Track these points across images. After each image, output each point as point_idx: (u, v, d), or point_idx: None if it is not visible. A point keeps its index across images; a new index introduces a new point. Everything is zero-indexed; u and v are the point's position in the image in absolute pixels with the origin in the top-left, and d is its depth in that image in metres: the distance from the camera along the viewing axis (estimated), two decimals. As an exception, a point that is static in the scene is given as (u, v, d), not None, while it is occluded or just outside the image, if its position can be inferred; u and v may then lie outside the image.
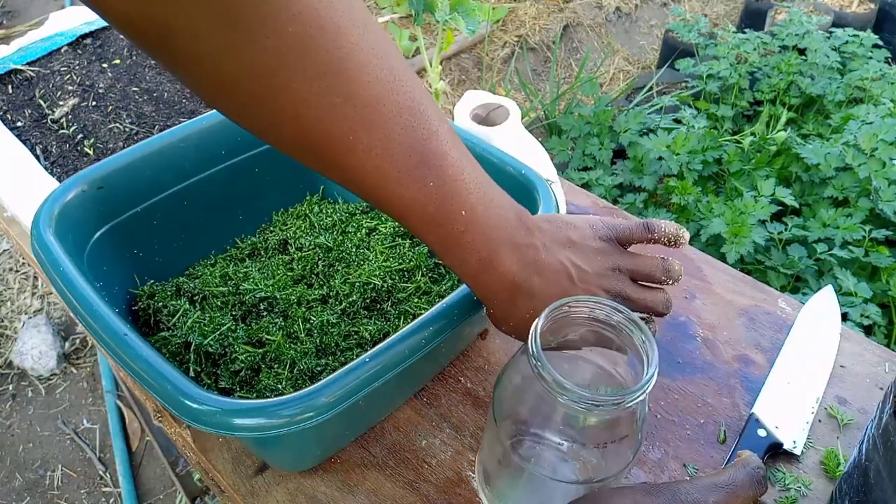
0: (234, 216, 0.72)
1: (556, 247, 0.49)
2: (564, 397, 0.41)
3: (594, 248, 0.51)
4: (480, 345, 0.68)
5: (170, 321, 0.60)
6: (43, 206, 0.57)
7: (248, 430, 0.44)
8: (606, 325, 0.46)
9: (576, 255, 0.50)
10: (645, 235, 0.53)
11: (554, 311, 0.44)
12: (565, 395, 0.41)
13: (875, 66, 1.60)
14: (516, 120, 0.71)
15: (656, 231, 0.53)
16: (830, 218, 1.22)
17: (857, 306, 1.08)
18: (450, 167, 0.43)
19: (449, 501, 0.55)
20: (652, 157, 1.41)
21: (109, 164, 0.62)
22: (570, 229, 0.51)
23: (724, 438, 0.60)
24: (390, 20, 2.61)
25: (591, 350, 0.49)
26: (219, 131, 0.68)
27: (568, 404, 0.41)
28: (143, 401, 0.70)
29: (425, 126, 0.42)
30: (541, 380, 0.42)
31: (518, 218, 0.48)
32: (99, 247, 0.60)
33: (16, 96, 0.93)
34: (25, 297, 1.76)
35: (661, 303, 0.53)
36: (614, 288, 0.51)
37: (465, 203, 0.44)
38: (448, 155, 0.43)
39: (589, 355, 0.49)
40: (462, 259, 0.46)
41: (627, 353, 0.46)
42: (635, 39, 2.76)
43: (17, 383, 1.61)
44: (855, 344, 0.68)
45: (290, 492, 0.56)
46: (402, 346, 0.48)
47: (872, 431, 0.46)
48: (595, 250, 0.51)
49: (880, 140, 1.26)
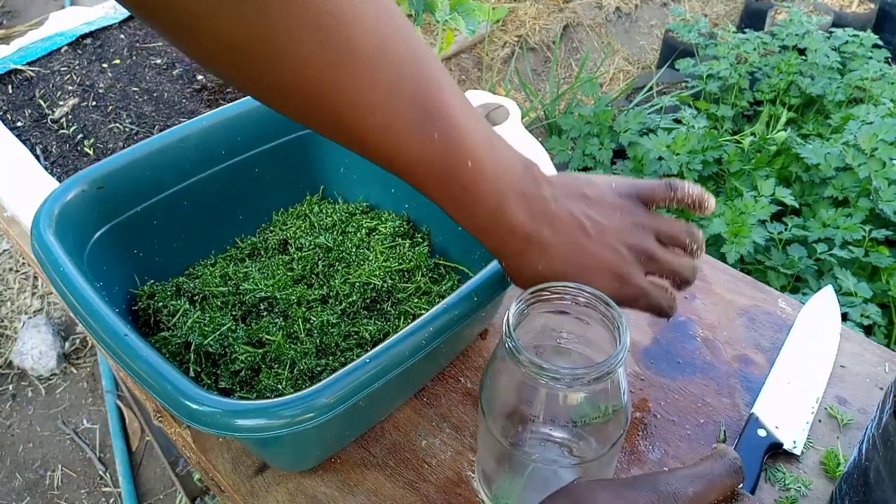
0: (235, 216, 0.72)
1: (569, 200, 0.48)
2: (544, 377, 0.41)
3: (613, 203, 0.49)
4: (480, 345, 0.68)
5: (170, 321, 0.60)
6: (43, 206, 0.57)
7: (247, 430, 0.44)
8: (577, 306, 0.46)
9: (591, 209, 0.48)
10: (668, 194, 0.51)
11: (530, 295, 0.45)
12: (544, 375, 0.41)
13: (875, 66, 1.60)
14: (516, 120, 0.71)
15: (679, 191, 0.50)
16: (830, 218, 1.22)
17: (857, 306, 1.08)
18: (455, 119, 0.42)
19: (449, 501, 0.55)
20: (652, 157, 1.41)
21: (109, 164, 0.62)
22: (585, 185, 0.49)
23: (724, 438, 0.60)
24: (390, 20, 2.61)
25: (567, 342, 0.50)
26: (219, 131, 0.68)
27: (549, 385, 0.42)
28: (143, 401, 0.70)
29: (429, 77, 0.41)
30: (518, 364, 0.42)
31: (526, 168, 0.47)
32: (99, 247, 0.60)
33: (16, 96, 0.93)
34: (25, 297, 1.76)
35: (688, 268, 0.51)
36: (639, 244, 0.49)
37: (472, 154, 0.43)
38: (453, 106, 0.42)
39: (567, 346, 0.50)
40: (471, 213, 0.45)
41: (600, 338, 0.47)
42: (635, 39, 2.76)
43: (17, 383, 1.61)
44: (855, 344, 0.68)
45: (290, 492, 0.56)
46: (403, 347, 0.48)
47: (872, 431, 0.46)
48: (614, 206, 0.49)
49: (880, 140, 1.26)
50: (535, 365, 0.41)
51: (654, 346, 0.68)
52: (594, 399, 0.44)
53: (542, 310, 0.47)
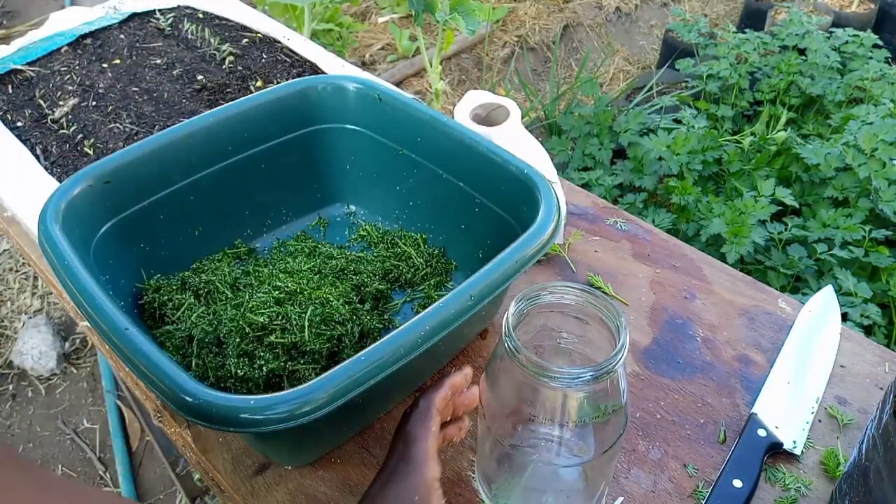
0: (241, 211, 0.72)
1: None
2: (544, 377, 0.42)
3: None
4: (480, 344, 0.68)
5: (174, 315, 0.61)
6: (50, 200, 0.57)
7: (245, 425, 0.44)
8: (577, 306, 0.46)
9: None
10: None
11: (531, 294, 0.45)
12: (544, 374, 0.41)
13: (875, 66, 1.60)
14: (516, 120, 0.71)
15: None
16: (830, 218, 1.22)
17: (857, 306, 1.08)
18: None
19: (449, 501, 0.55)
20: (652, 158, 1.41)
21: (116, 160, 0.62)
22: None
23: (724, 438, 0.60)
24: (390, 20, 2.61)
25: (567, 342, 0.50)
26: (225, 128, 0.68)
27: (548, 384, 0.42)
28: (143, 401, 0.70)
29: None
30: (518, 364, 0.42)
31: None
32: (105, 241, 0.60)
33: (16, 96, 0.93)
34: (25, 297, 1.76)
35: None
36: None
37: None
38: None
39: (566, 346, 0.50)
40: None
41: (599, 338, 0.47)
42: (635, 39, 2.76)
43: (17, 383, 1.61)
44: (855, 344, 0.68)
45: (289, 492, 0.56)
46: (398, 345, 0.48)
47: (872, 431, 0.46)
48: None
49: (880, 140, 1.26)
50: (535, 364, 0.41)
51: (654, 346, 0.68)
52: (594, 399, 0.44)
53: (542, 309, 0.47)
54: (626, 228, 0.81)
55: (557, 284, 0.46)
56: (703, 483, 0.57)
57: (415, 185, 0.72)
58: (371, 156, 0.74)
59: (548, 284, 0.46)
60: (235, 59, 0.99)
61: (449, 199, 0.69)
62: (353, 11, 2.69)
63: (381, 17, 2.67)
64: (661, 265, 0.76)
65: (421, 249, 0.71)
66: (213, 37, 1.03)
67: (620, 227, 0.81)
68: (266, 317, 0.60)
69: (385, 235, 0.73)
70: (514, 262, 0.54)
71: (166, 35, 1.05)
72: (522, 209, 0.60)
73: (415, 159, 0.70)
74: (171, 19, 1.08)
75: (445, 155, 0.68)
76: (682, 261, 0.77)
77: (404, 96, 0.71)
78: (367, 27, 2.63)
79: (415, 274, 0.69)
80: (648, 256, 0.77)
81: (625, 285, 0.73)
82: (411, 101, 0.70)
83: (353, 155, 0.75)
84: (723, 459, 0.58)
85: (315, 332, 0.59)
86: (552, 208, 0.58)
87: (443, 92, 1.09)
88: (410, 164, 0.70)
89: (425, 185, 0.71)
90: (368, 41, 2.59)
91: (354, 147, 0.74)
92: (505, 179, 0.63)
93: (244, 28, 1.06)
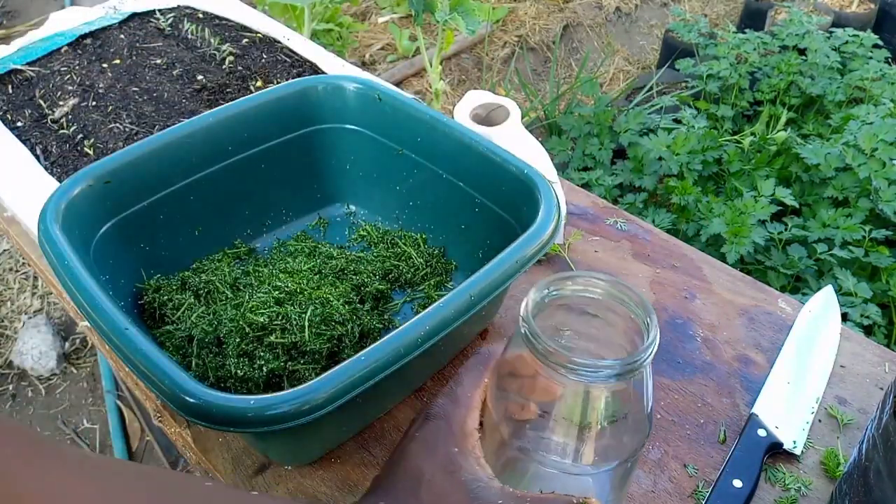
0: (241, 211, 0.72)
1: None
2: (563, 369, 0.38)
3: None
4: (480, 344, 0.67)
5: (174, 315, 0.61)
6: (50, 200, 0.57)
7: (246, 425, 0.44)
8: (597, 303, 0.43)
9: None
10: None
11: (547, 287, 0.42)
12: (564, 366, 0.37)
13: (875, 66, 1.60)
14: (516, 120, 0.71)
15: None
16: (830, 218, 1.22)
17: (857, 306, 1.08)
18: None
19: None
20: (652, 157, 1.41)
21: (116, 160, 0.62)
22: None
23: (724, 438, 0.60)
24: (390, 20, 2.61)
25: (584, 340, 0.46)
26: (225, 127, 0.68)
27: (568, 378, 0.38)
28: (143, 401, 0.70)
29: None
30: (535, 353, 0.39)
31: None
32: (105, 241, 0.60)
33: (16, 96, 0.93)
34: (25, 297, 1.76)
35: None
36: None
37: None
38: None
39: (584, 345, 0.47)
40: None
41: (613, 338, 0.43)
42: (635, 39, 2.76)
43: (17, 383, 1.61)
44: (855, 344, 0.68)
45: (290, 491, 0.56)
46: (398, 345, 0.48)
47: (872, 431, 0.46)
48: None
49: (880, 140, 1.26)
50: (555, 354, 0.37)
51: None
52: (610, 400, 0.41)
53: (561, 302, 0.43)
54: (626, 228, 0.81)
55: (583, 274, 0.42)
56: (703, 483, 0.57)
57: (415, 185, 0.72)
58: (371, 156, 0.74)
59: (573, 274, 0.42)
60: (235, 59, 0.99)
61: (449, 199, 0.69)
62: (353, 11, 2.69)
63: (381, 17, 2.67)
64: (661, 265, 0.76)
65: (421, 249, 0.71)
66: (213, 37, 1.03)
67: (620, 227, 0.81)
68: (266, 317, 0.60)
69: (385, 235, 0.73)
70: (514, 262, 0.54)
71: (166, 35, 1.05)
72: (522, 209, 0.60)
73: (415, 159, 0.70)
74: (171, 19, 1.08)
75: (445, 155, 0.68)
76: (682, 261, 0.77)
77: (404, 96, 0.71)
78: (367, 27, 2.63)
79: (415, 274, 0.69)
80: (648, 256, 0.77)
81: (625, 285, 0.73)
82: (411, 101, 0.70)
83: (353, 155, 0.75)
84: (723, 459, 0.58)
85: (315, 332, 0.59)
86: (552, 208, 0.58)
87: (443, 92, 1.09)
88: (410, 164, 0.70)
89: (425, 185, 0.71)
90: (368, 41, 2.59)
91: (354, 147, 0.74)
92: (505, 179, 0.63)
93: (244, 28, 1.06)
